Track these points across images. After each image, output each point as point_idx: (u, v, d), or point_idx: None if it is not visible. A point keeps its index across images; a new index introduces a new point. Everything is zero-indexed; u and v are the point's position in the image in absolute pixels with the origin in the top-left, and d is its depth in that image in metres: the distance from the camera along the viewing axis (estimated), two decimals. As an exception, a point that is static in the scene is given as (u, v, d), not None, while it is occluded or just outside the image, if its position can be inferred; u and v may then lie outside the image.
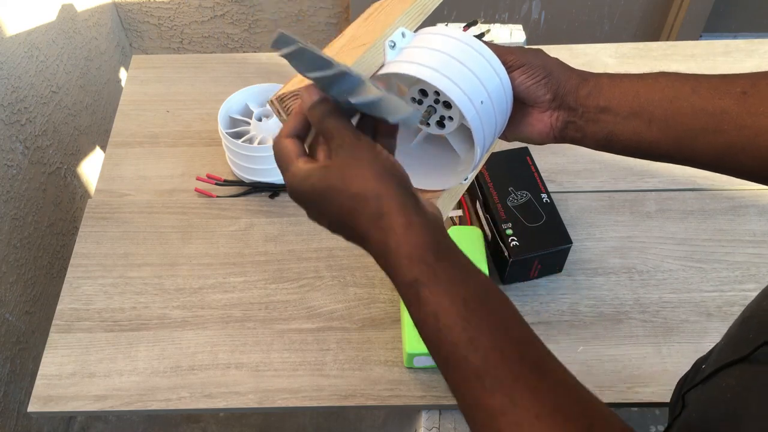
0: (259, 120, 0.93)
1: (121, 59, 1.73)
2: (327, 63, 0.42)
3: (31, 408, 0.74)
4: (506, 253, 0.78)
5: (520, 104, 0.55)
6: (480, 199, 0.84)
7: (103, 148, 1.52)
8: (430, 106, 0.53)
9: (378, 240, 0.42)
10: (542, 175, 0.84)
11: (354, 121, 0.47)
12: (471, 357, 0.38)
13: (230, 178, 0.94)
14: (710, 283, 0.82)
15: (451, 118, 0.54)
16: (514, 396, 0.37)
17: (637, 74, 0.53)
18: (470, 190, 0.88)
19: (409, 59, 0.51)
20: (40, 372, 0.76)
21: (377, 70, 0.52)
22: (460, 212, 0.86)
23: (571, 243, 0.78)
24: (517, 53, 0.53)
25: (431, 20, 0.63)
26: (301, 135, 0.46)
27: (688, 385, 0.49)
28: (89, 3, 1.53)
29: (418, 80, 0.51)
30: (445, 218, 0.57)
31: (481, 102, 0.51)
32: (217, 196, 0.92)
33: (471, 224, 0.86)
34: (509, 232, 0.79)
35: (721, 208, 0.89)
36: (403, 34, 0.53)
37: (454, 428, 0.73)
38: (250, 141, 0.91)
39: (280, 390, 0.74)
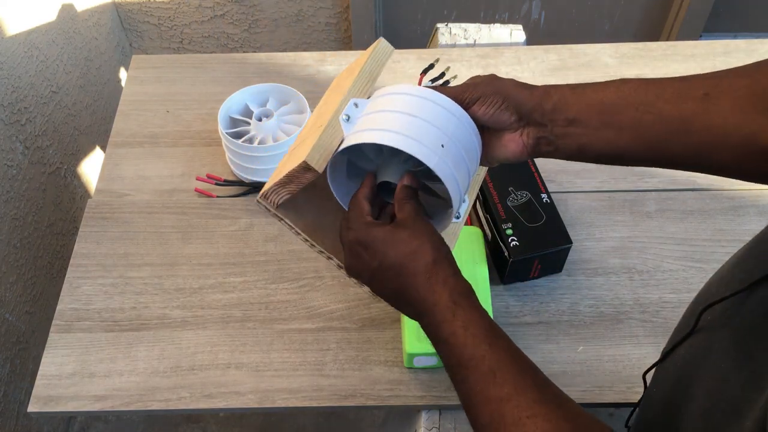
0: (259, 120, 0.93)
1: (121, 59, 1.74)
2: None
3: (31, 408, 0.74)
4: (506, 253, 0.78)
5: (493, 131, 0.57)
6: (480, 199, 0.84)
7: (103, 148, 1.52)
8: None
9: (428, 279, 0.51)
10: (542, 175, 0.84)
11: None
12: (488, 356, 0.48)
13: (230, 178, 0.94)
14: (710, 283, 0.82)
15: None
16: (518, 386, 0.46)
17: (601, 83, 0.54)
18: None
19: (362, 128, 0.54)
20: (40, 372, 0.76)
21: (339, 145, 0.55)
22: (460, 212, 0.86)
23: (571, 243, 0.78)
24: (470, 88, 0.56)
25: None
26: (371, 200, 0.57)
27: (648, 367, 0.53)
28: (89, 3, 1.54)
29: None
30: None
31: (442, 145, 0.53)
32: (217, 196, 0.92)
33: (471, 224, 0.86)
34: (509, 232, 0.79)
35: (721, 208, 0.89)
36: (356, 104, 0.56)
37: (454, 428, 0.73)
38: (250, 141, 0.91)
39: (280, 390, 0.74)
